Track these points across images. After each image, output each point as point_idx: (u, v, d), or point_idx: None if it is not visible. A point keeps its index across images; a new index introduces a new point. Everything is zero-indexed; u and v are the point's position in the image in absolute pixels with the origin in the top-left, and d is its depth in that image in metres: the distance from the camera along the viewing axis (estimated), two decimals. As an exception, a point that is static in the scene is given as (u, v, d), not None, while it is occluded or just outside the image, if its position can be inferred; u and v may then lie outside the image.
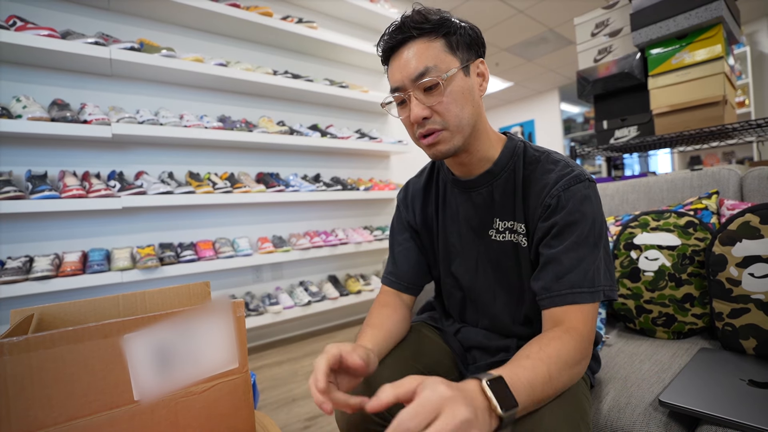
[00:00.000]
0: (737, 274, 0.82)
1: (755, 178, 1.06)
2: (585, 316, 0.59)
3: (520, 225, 0.68)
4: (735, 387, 0.67)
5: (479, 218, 0.73)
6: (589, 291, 0.59)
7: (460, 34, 0.63)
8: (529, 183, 0.67)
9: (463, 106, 0.63)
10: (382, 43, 0.66)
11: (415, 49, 0.62)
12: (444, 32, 0.62)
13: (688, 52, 1.51)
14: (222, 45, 2.22)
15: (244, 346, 0.56)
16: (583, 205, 0.62)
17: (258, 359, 2.07)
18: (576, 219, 0.61)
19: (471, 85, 0.64)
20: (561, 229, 0.62)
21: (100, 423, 0.44)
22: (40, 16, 1.70)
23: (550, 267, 0.62)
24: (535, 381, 0.49)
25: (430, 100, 0.62)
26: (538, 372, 0.50)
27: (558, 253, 0.61)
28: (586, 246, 0.61)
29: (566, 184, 0.63)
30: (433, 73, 0.61)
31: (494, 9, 3.51)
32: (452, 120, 0.63)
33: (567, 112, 6.36)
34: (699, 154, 4.17)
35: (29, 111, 1.51)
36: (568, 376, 0.54)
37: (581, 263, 0.60)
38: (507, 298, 0.73)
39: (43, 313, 0.61)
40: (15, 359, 0.39)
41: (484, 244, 0.73)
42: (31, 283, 1.46)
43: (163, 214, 1.98)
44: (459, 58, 0.63)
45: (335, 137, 2.44)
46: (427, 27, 0.61)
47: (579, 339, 0.56)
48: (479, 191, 0.72)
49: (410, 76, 0.61)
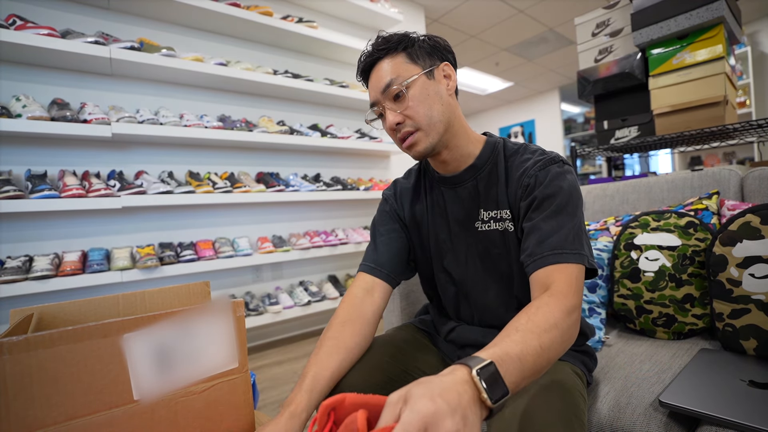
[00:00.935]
0: (738, 275, 0.82)
1: (756, 178, 1.06)
2: (569, 277, 0.59)
3: (505, 211, 0.72)
4: (735, 388, 0.67)
5: (465, 212, 0.76)
6: (571, 252, 0.61)
7: (419, 46, 0.71)
8: (510, 171, 0.72)
9: (431, 105, 0.69)
10: (358, 69, 0.75)
11: (382, 67, 0.70)
12: (403, 47, 0.70)
13: (689, 52, 1.51)
14: (222, 44, 2.22)
15: (244, 346, 0.56)
16: (558, 179, 0.66)
17: (258, 359, 2.07)
18: (553, 191, 0.65)
19: (437, 88, 0.71)
20: (540, 201, 0.66)
21: (100, 423, 0.44)
22: (40, 15, 1.70)
23: (532, 235, 0.64)
24: (526, 355, 0.47)
25: (399, 106, 0.69)
26: (529, 345, 0.48)
27: (538, 222, 0.65)
28: (565, 214, 0.64)
29: (542, 165, 0.68)
30: (397, 81, 0.68)
31: (494, 9, 3.51)
32: (422, 120, 0.69)
33: (567, 112, 6.36)
34: (700, 154, 4.17)
35: (29, 110, 1.51)
36: (560, 343, 0.53)
37: (561, 229, 0.63)
38: (498, 286, 0.75)
39: (43, 312, 0.61)
40: (14, 359, 0.39)
41: (472, 236, 0.76)
42: (31, 282, 1.46)
43: (162, 214, 1.98)
44: (421, 65, 0.70)
45: (335, 137, 2.44)
46: (389, 46, 0.70)
47: (566, 303, 0.55)
48: (465, 186, 0.76)
49: (380, 89, 0.70)
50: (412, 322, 0.91)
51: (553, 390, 0.58)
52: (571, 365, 0.71)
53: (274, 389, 1.70)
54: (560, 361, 0.70)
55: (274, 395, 1.64)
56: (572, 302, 0.56)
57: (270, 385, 1.74)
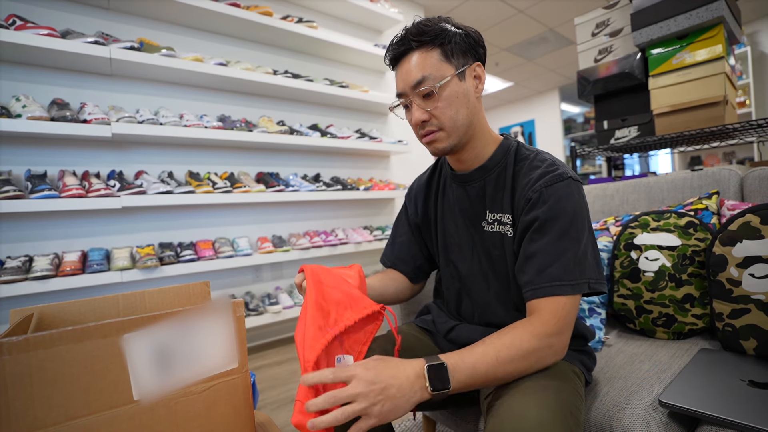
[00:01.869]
0: (737, 275, 0.82)
1: (756, 178, 1.06)
2: (556, 309, 0.61)
3: (507, 216, 0.72)
4: (735, 387, 0.67)
5: (474, 210, 0.78)
6: (570, 284, 0.62)
7: (456, 42, 0.69)
8: (518, 178, 0.72)
9: (458, 109, 0.69)
10: (388, 53, 0.73)
11: (414, 60, 0.69)
12: (440, 42, 0.68)
13: (688, 52, 1.51)
14: (222, 44, 2.22)
15: (244, 346, 0.56)
16: (563, 201, 0.65)
17: (258, 359, 2.07)
18: (556, 214, 0.64)
19: (466, 89, 0.70)
20: (542, 224, 0.65)
21: (100, 423, 0.44)
22: (40, 15, 1.70)
23: (532, 261, 0.65)
24: (479, 365, 0.57)
25: (428, 105, 0.69)
26: (486, 356, 0.58)
27: (539, 247, 0.65)
28: (568, 239, 0.64)
29: (549, 181, 0.67)
30: (429, 82, 0.67)
31: (494, 9, 3.51)
32: (447, 122, 0.69)
33: (567, 112, 6.36)
34: (699, 154, 4.17)
35: (29, 110, 1.51)
36: (522, 363, 0.59)
37: (563, 256, 0.63)
38: (498, 285, 0.76)
39: (43, 312, 0.61)
40: (14, 359, 0.39)
41: (478, 234, 0.77)
42: (31, 282, 1.46)
43: (162, 214, 1.98)
44: (454, 65, 0.69)
45: (335, 137, 2.44)
46: (424, 39, 0.68)
47: (540, 330, 0.60)
48: (473, 185, 0.77)
49: (410, 84, 0.69)
50: (413, 321, 0.92)
51: (548, 388, 0.59)
52: (570, 364, 0.71)
53: (274, 389, 1.70)
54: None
55: (274, 395, 1.64)
56: (548, 329, 0.61)
57: (270, 385, 1.74)
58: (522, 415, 0.53)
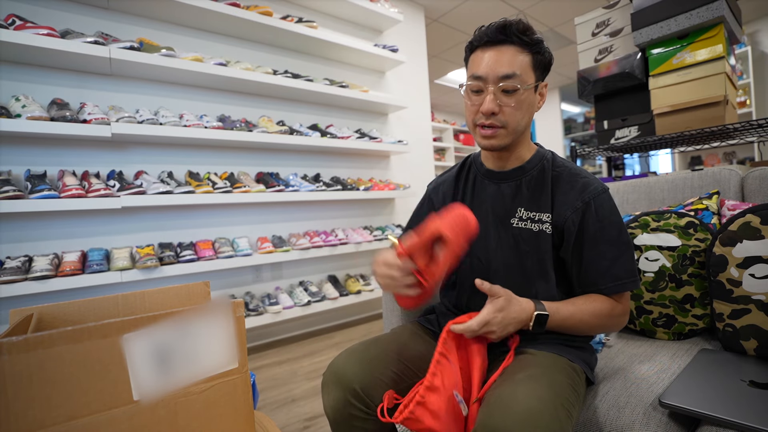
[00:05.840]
0: (738, 275, 0.82)
1: (756, 178, 1.06)
2: (627, 301, 0.77)
3: (546, 215, 0.78)
4: (735, 388, 0.67)
5: (504, 206, 0.82)
6: (631, 281, 0.74)
7: (543, 56, 0.75)
8: (558, 182, 0.79)
9: (524, 115, 0.75)
10: (481, 34, 0.75)
11: (510, 53, 0.72)
12: (536, 50, 0.73)
13: (689, 51, 1.51)
14: (222, 44, 2.22)
15: (244, 346, 0.56)
16: (614, 212, 0.76)
17: (258, 359, 2.07)
18: (610, 223, 0.75)
19: (534, 101, 0.77)
20: (597, 232, 0.74)
21: (100, 423, 0.44)
22: (40, 15, 1.69)
23: (596, 263, 0.74)
24: (568, 320, 0.72)
25: (504, 100, 0.73)
26: (575, 315, 0.73)
27: (601, 250, 0.74)
28: (621, 244, 0.74)
29: (594, 193, 0.76)
30: (517, 80, 0.72)
31: (494, 9, 3.51)
32: (512, 123, 0.75)
33: (567, 112, 6.36)
34: (700, 154, 4.16)
35: (28, 110, 1.51)
36: (597, 326, 0.75)
37: (621, 257, 0.74)
38: (522, 280, 0.79)
39: (43, 312, 0.61)
40: (14, 359, 0.39)
41: (506, 230, 0.81)
42: (31, 282, 1.46)
43: (162, 214, 1.98)
44: (536, 75, 0.75)
45: (335, 137, 2.44)
46: (525, 39, 0.72)
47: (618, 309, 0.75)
48: (509, 183, 0.83)
49: (498, 73, 0.72)
50: (418, 320, 0.93)
51: (542, 380, 0.61)
52: (569, 360, 0.72)
53: (274, 389, 1.70)
54: (557, 355, 0.73)
55: (274, 395, 1.64)
56: (622, 315, 0.76)
57: (270, 385, 1.74)
58: (510, 404, 0.56)
